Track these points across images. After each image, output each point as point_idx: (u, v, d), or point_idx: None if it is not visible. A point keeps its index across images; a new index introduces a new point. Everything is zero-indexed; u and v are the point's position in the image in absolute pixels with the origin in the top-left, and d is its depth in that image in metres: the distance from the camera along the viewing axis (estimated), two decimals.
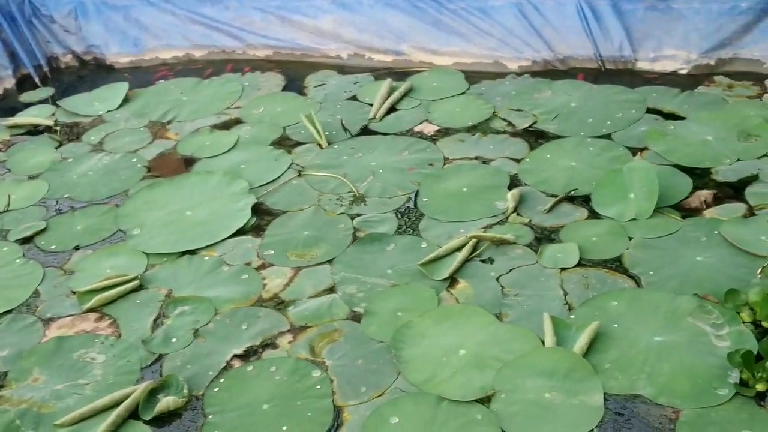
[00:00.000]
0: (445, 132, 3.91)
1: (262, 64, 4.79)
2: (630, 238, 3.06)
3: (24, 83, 4.88)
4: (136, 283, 3.10)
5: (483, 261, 3.04)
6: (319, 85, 4.47)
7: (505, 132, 3.84)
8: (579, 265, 2.96)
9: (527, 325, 2.73)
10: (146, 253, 3.29)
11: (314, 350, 2.74)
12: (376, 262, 3.11)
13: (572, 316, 2.74)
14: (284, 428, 2.46)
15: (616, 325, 2.68)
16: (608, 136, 3.70)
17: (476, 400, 2.47)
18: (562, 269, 2.95)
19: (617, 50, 4.27)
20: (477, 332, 2.71)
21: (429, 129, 3.95)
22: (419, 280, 2.98)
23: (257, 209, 3.48)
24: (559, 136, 3.75)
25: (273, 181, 3.67)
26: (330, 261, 3.14)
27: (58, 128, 4.30)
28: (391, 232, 3.26)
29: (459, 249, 3.06)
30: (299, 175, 3.70)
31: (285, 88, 4.51)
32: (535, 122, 3.88)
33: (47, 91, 4.77)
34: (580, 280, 2.90)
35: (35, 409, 2.63)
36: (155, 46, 4.96)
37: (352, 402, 2.53)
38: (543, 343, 2.63)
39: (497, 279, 2.95)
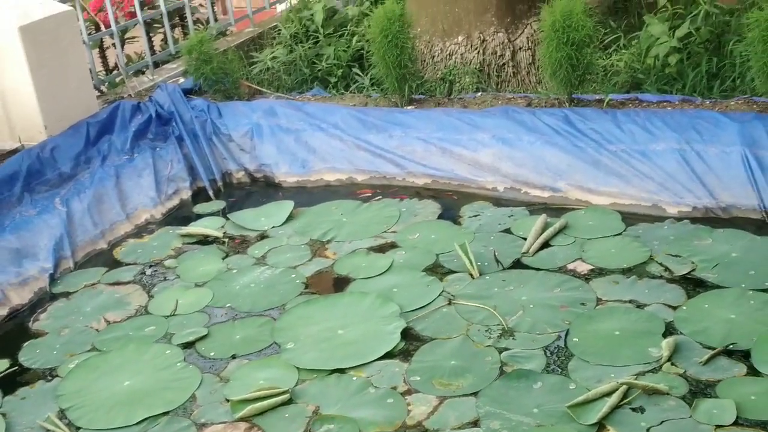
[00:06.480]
0: (598, 272, 3.88)
1: (420, 191, 4.95)
2: None
3: (199, 195, 5.24)
4: (286, 396, 3.21)
5: (633, 409, 2.96)
6: (474, 216, 4.56)
7: (661, 277, 3.78)
8: (736, 423, 2.84)
9: None
10: (298, 368, 3.40)
11: None
12: (522, 399, 3.08)
13: None
14: None
15: None
16: None
17: None
18: (718, 426, 2.83)
19: None
20: None
21: (582, 268, 3.94)
22: (566, 423, 2.93)
23: (406, 333, 3.55)
24: (718, 286, 3.66)
25: (423, 307, 3.74)
26: (475, 393, 3.14)
27: (226, 240, 4.57)
28: (539, 369, 3.24)
29: (609, 394, 3.00)
30: (449, 304, 3.75)
31: (440, 216, 4.62)
32: (693, 270, 3.80)
33: (219, 204, 5.09)
34: None
35: None
36: (321, 168, 5.23)
37: None
38: None
39: (648, 430, 2.86)
